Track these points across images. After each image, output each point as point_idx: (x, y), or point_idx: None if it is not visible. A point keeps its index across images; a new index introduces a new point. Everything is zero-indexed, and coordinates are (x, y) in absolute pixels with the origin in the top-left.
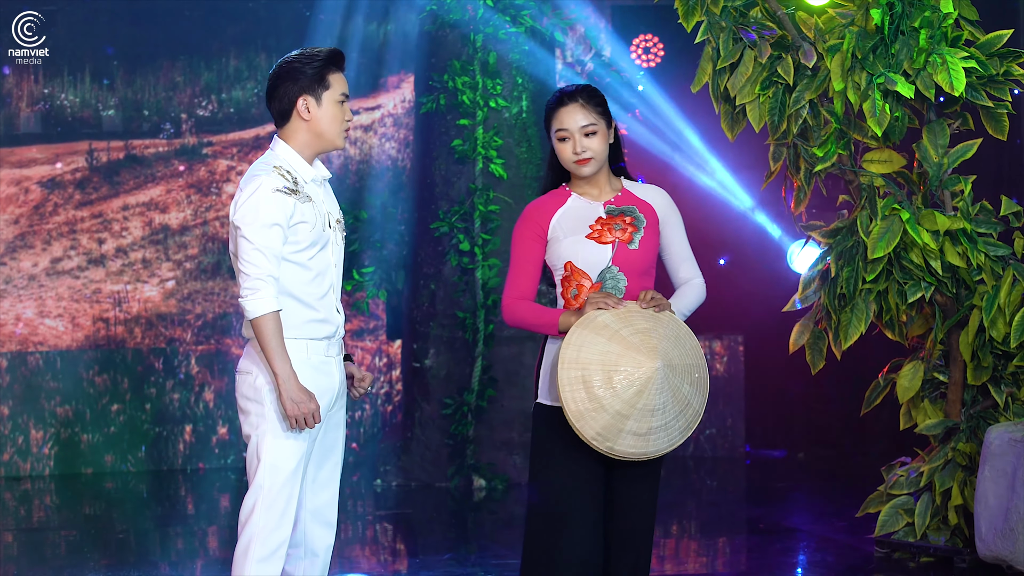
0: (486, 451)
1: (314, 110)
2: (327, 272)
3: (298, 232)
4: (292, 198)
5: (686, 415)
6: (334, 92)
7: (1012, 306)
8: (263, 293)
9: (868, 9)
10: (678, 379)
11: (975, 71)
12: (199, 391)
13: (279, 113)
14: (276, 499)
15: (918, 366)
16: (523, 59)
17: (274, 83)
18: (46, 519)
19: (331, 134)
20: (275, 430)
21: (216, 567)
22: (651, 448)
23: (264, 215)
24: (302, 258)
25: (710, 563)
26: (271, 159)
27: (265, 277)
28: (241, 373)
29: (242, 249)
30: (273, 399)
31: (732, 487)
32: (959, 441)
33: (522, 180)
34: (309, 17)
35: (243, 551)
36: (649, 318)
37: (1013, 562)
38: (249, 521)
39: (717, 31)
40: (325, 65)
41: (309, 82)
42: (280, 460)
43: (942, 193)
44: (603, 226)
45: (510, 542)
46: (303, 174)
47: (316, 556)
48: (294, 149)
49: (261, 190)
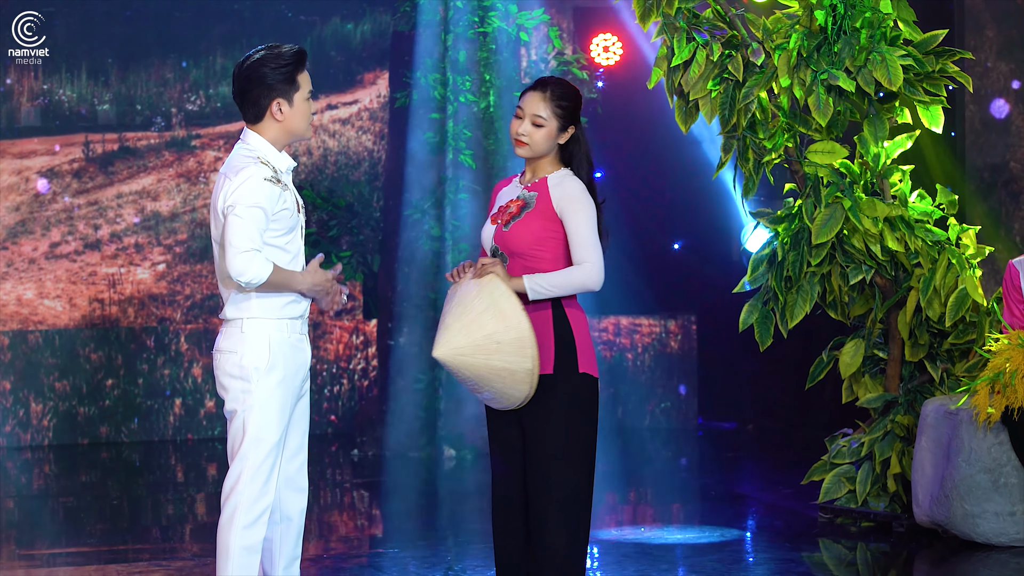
0: (456, 423)
1: (287, 110)
2: (299, 255)
3: (280, 218)
4: (277, 187)
5: (515, 379)
6: (303, 91)
7: (947, 288)
8: (257, 262)
9: (812, 10)
10: (479, 357)
11: (912, 68)
12: (188, 367)
13: (253, 114)
14: (260, 470)
15: (859, 344)
16: (490, 57)
17: (245, 86)
18: (45, 487)
19: (301, 128)
20: (261, 405)
21: (203, 531)
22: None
23: (256, 199)
24: (282, 242)
25: (665, 527)
26: (249, 151)
27: (252, 250)
28: (224, 352)
29: (233, 225)
30: (259, 376)
31: (686, 456)
32: (897, 414)
33: (490, 170)
34: (291, 18)
35: (228, 520)
36: (474, 286)
37: (948, 526)
38: (234, 491)
39: (672, 31)
40: (294, 67)
41: (281, 86)
42: (265, 433)
43: (882, 182)
44: (502, 209)
45: (478, 507)
46: (279, 164)
47: (291, 520)
48: (267, 141)
49: (253, 178)
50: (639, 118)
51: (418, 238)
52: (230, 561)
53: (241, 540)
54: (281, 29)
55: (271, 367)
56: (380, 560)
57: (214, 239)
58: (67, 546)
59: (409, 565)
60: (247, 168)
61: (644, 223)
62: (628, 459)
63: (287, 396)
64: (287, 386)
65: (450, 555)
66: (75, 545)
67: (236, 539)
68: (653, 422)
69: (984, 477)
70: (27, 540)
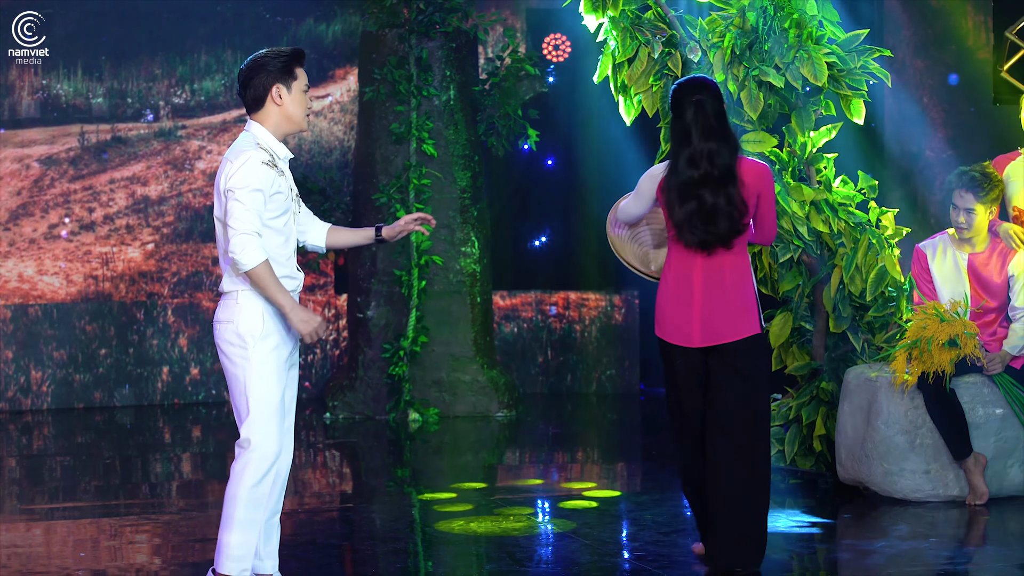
0: (419, 389)
1: (285, 96)
2: (292, 237)
3: (275, 201)
4: (273, 171)
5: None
6: (300, 83)
7: (868, 266)
8: (253, 246)
9: (745, 12)
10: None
11: (836, 64)
12: (175, 337)
13: (254, 100)
14: (267, 427)
15: (788, 316)
16: (451, 55)
17: (249, 75)
18: (44, 447)
19: (298, 117)
20: (259, 369)
21: (189, 488)
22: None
23: (253, 181)
24: (277, 224)
25: (610, 484)
26: (251, 138)
27: (252, 233)
28: (222, 323)
29: (233, 208)
30: (255, 343)
31: (628, 420)
32: (822, 381)
33: (450, 158)
34: (268, 19)
35: (239, 475)
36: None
37: (868, 483)
38: (246, 450)
39: (616, 31)
40: (292, 60)
41: (280, 73)
42: (266, 393)
43: (808, 169)
44: None
45: (440, 467)
46: (278, 151)
47: (280, 476)
48: (268, 130)
49: (251, 162)
50: (586, 110)
51: (385, 220)
52: (235, 518)
53: (249, 494)
54: (259, 29)
55: (265, 335)
56: (349, 514)
57: (216, 217)
58: (64, 501)
59: (376, 518)
60: (246, 152)
61: (591, 206)
62: (576, 423)
63: (281, 361)
64: (280, 352)
65: (413, 509)
66: (71, 501)
67: (244, 493)
68: (599, 388)
69: (901, 438)
70: (27, 496)
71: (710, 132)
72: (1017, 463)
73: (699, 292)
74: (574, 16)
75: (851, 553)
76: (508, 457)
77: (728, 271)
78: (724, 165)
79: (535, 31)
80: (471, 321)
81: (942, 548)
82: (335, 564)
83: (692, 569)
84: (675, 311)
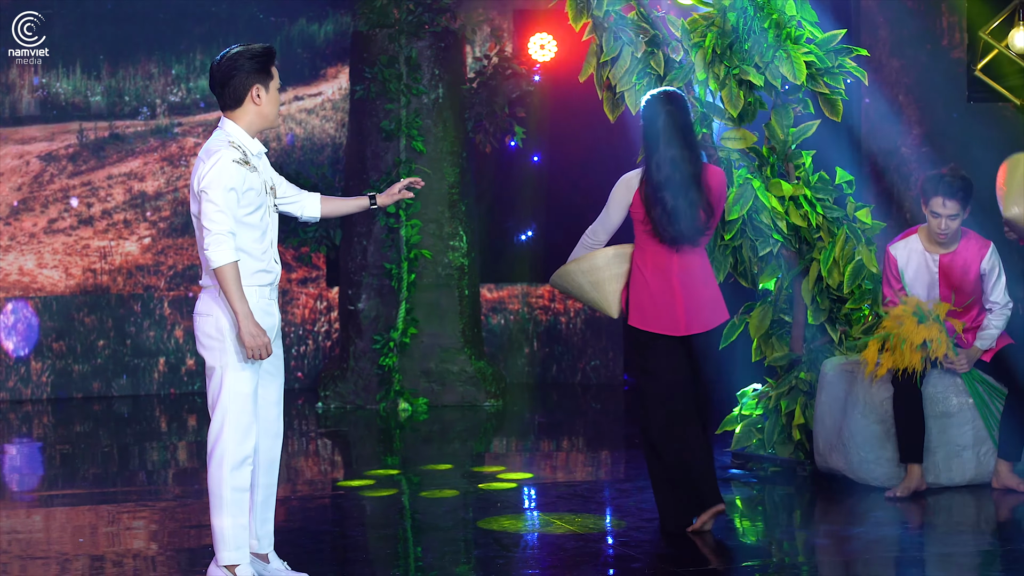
0: (409, 379)
1: (263, 96)
2: (267, 230)
3: (248, 198)
4: (245, 169)
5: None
6: (275, 82)
7: (845, 259)
8: (225, 246)
9: (725, 12)
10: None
11: (814, 64)
12: (171, 329)
13: (233, 99)
14: (240, 418)
15: (767, 309)
16: (440, 54)
17: (227, 75)
18: (44, 435)
19: (272, 115)
20: (235, 362)
21: (185, 476)
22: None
23: (226, 181)
24: (253, 219)
25: (594, 472)
26: (224, 136)
27: (226, 233)
28: (202, 315)
29: (207, 209)
30: (232, 336)
31: (612, 409)
32: (801, 371)
33: (439, 154)
34: (262, 19)
35: (217, 465)
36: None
37: (844, 471)
38: (219, 440)
39: (601, 31)
40: (269, 60)
41: (259, 74)
42: (240, 385)
43: (787, 165)
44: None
45: (428, 454)
46: (250, 148)
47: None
48: (242, 128)
49: (223, 161)
50: (572, 108)
51: (375, 215)
52: (224, 500)
53: (231, 481)
54: (253, 29)
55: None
56: (341, 501)
57: (192, 214)
58: (63, 488)
59: (366, 505)
60: (218, 152)
61: (577, 203)
62: (561, 412)
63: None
64: None
65: (404, 496)
66: (70, 488)
67: (227, 481)
68: (584, 378)
69: (878, 428)
70: (28, 483)
71: (678, 140)
72: (992, 450)
73: (678, 286)
74: (560, 17)
75: (829, 539)
76: (495, 445)
77: (699, 267)
78: (690, 171)
79: (521, 31)
80: (459, 313)
81: (918, 535)
82: (326, 550)
83: (677, 553)
84: (659, 303)
